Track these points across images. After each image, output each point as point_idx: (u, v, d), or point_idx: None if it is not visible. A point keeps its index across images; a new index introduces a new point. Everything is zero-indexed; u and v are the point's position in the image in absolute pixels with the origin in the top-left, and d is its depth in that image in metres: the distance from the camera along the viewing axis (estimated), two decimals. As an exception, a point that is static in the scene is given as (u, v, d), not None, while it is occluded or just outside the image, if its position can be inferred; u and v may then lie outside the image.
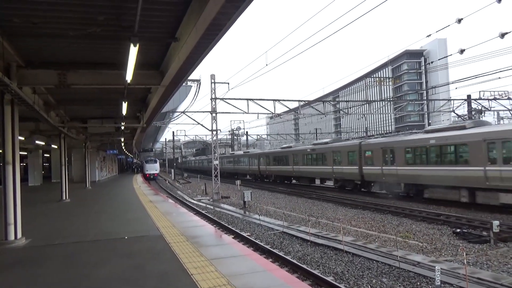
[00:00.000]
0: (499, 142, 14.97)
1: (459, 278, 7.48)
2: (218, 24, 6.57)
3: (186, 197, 27.98)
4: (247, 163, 43.51)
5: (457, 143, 17.15)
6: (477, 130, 16.30)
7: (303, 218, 15.77)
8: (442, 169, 17.51)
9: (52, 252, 7.56)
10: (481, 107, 32.79)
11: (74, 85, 9.74)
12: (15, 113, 8.73)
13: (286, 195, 25.86)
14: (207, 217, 16.72)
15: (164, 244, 7.74)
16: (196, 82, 41.91)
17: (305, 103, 33.38)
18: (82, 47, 8.70)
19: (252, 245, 11.02)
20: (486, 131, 15.85)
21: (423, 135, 19.72)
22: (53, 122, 15.15)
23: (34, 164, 33.23)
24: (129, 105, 13.96)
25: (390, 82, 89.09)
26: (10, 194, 8.39)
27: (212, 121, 26.20)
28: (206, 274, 5.60)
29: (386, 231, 12.86)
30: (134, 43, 6.14)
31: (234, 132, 66.88)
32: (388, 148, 21.11)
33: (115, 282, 5.48)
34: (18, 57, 8.71)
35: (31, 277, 5.90)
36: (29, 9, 6.43)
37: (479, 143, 15.67)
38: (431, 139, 18.57)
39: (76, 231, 9.95)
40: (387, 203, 18.41)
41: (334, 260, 9.39)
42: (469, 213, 15.11)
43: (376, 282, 7.72)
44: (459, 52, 19.64)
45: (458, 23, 15.60)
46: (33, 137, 21.47)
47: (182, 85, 15.48)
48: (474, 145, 15.98)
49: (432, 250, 10.21)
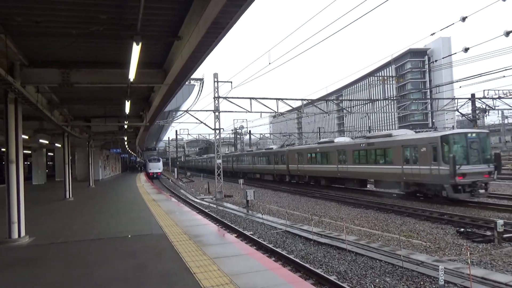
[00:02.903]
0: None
1: (463, 277, 7.43)
2: (220, 23, 6.56)
3: (189, 196, 28.02)
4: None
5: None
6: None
7: (306, 217, 15.74)
8: (331, 167, 26.09)
9: (55, 251, 7.58)
10: (486, 106, 32.65)
11: (77, 84, 9.76)
12: (18, 112, 8.76)
13: (289, 194, 25.82)
14: (210, 216, 16.73)
15: (167, 243, 7.75)
16: (199, 81, 41.96)
17: (308, 102, 33.31)
18: (85, 46, 8.72)
19: (255, 244, 11.01)
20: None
21: (314, 145, 31.10)
22: (57, 121, 15.21)
23: (38, 162, 33.40)
24: (132, 104, 14.00)
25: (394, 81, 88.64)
26: (14, 193, 8.42)
27: (215, 120, 26.21)
28: (209, 273, 5.59)
29: (390, 230, 12.82)
30: (136, 42, 6.14)
31: (237, 131, 66.86)
32: (299, 153, 30.50)
33: (118, 281, 5.48)
34: (21, 56, 8.74)
35: (34, 276, 5.92)
36: (32, 8, 6.45)
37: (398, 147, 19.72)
38: (317, 147, 28.57)
39: (80, 229, 9.97)
40: (390, 202, 18.34)
41: (337, 259, 9.37)
42: (473, 213, 15.04)
43: (379, 281, 7.69)
44: (463, 51, 19.55)
45: (463, 21, 15.53)
46: (37, 136, 21.56)
47: (185, 84, 15.50)
48: (395, 148, 20.00)
49: (436, 249, 10.16)
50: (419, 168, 18.07)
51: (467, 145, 16.99)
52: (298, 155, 30.90)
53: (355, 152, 23.55)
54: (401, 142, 19.70)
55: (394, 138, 20.61)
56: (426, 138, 18.47)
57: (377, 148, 21.67)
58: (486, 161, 17.00)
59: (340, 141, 27.50)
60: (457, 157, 16.29)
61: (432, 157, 17.35)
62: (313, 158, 28.91)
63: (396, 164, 19.58)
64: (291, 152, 32.24)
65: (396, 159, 19.61)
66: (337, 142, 27.40)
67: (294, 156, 31.49)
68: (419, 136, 19.91)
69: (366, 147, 22.58)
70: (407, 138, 19.85)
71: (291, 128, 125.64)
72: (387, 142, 21.01)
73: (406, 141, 19.56)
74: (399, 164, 19.29)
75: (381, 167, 21.18)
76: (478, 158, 16.92)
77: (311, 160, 29.11)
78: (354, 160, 23.53)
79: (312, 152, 29.07)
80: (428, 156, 17.59)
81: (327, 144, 27.86)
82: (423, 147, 18.07)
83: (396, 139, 20.35)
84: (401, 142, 19.73)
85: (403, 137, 20.16)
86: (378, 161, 21.57)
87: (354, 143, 24.90)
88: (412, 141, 19.17)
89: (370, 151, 22.22)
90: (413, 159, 18.75)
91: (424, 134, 21.35)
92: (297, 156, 31.09)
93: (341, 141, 27.80)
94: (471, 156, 16.86)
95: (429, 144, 17.65)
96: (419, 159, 18.26)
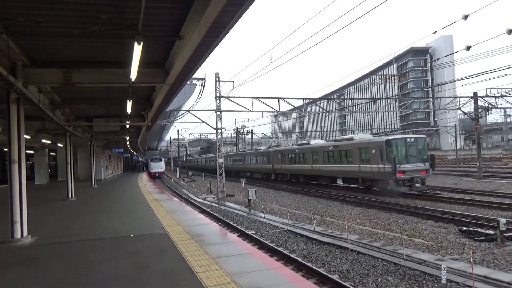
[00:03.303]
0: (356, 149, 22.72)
1: (465, 276, 7.42)
2: (221, 22, 6.55)
3: (191, 195, 28.05)
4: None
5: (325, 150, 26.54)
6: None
7: (308, 216, 15.74)
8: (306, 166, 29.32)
9: (58, 250, 7.61)
10: (488, 104, 32.53)
11: (79, 84, 9.76)
12: (20, 112, 8.77)
13: (291, 193, 25.81)
14: (212, 215, 16.75)
15: (169, 242, 7.75)
16: (201, 81, 41.89)
17: (310, 101, 33.29)
18: (86, 45, 8.72)
19: (257, 244, 11.01)
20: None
21: (294, 146, 33.82)
22: (59, 121, 15.23)
23: (40, 162, 33.49)
24: (134, 104, 14.00)
25: (396, 80, 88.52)
26: (16, 193, 8.44)
27: (216, 120, 26.23)
28: (211, 272, 5.60)
29: (392, 229, 12.80)
30: (138, 41, 6.14)
31: (239, 130, 66.88)
32: (282, 153, 33.91)
33: (120, 280, 5.49)
34: (23, 56, 8.75)
35: (36, 275, 5.93)
36: (33, 8, 6.45)
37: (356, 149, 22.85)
38: (296, 149, 31.54)
39: (82, 229, 10.00)
40: (392, 201, 18.34)
41: (339, 259, 9.36)
42: (476, 211, 15.00)
43: (381, 280, 7.68)
44: (465, 49, 19.47)
45: (465, 19, 15.45)
46: (39, 136, 21.63)
47: (187, 84, 15.50)
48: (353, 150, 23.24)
49: (438, 248, 10.14)
50: (371, 167, 21.35)
51: (407, 147, 20.14)
52: (281, 156, 34.06)
53: (325, 153, 26.71)
54: (358, 145, 22.93)
55: (354, 142, 23.87)
56: (375, 142, 21.77)
57: (341, 150, 24.86)
58: (423, 160, 20.05)
59: (315, 144, 30.21)
60: (398, 158, 19.45)
61: (379, 157, 20.45)
62: (293, 158, 32.06)
63: (355, 163, 22.90)
64: (275, 153, 35.51)
65: (355, 159, 22.91)
66: (312, 144, 30.15)
67: (278, 156, 34.66)
68: (370, 140, 22.99)
69: (333, 149, 25.90)
70: (363, 141, 23.05)
71: (293, 127, 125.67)
72: (348, 144, 24.22)
73: (361, 144, 22.77)
74: (357, 163, 22.64)
75: (345, 166, 24.38)
76: (416, 158, 19.97)
77: (291, 160, 32.26)
78: (325, 160, 26.69)
79: (292, 153, 32.27)
80: (377, 157, 20.70)
81: (304, 146, 30.97)
82: (373, 149, 21.20)
83: (354, 142, 23.64)
84: (358, 145, 22.97)
85: (360, 141, 23.39)
86: (343, 161, 24.63)
87: (325, 145, 28.29)
88: (366, 144, 22.35)
89: (337, 152, 25.39)
90: (366, 159, 21.86)
91: (375, 138, 24.71)
92: (280, 156, 34.30)
93: (315, 143, 30.45)
94: (410, 157, 19.96)
95: (378, 147, 20.77)
96: (371, 159, 21.39)
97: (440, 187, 23.50)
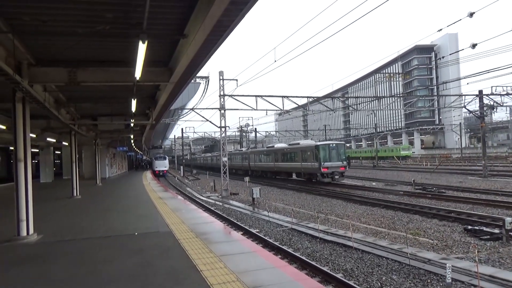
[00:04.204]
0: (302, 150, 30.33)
1: (470, 275, 7.38)
2: (226, 21, 6.56)
3: (195, 194, 28.12)
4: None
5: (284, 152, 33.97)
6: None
7: (312, 215, 15.73)
8: (271, 164, 36.82)
9: (63, 248, 7.65)
10: (493, 102, 32.32)
11: (84, 83, 9.81)
12: (26, 111, 8.83)
13: (295, 191, 25.80)
14: (216, 214, 16.78)
15: (174, 240, 7.78)
16: (205, 79, 41.99)
17: (314, 99, 33.25)
18: (91, 44, 8.76)
19: (261, 242, 11.02)
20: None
21: (263, 148, 42.78)
22: (64, 119, 15.31)
23: (45, 161, 33.69)
24: (138, 102, 14.04)
25: (400, 78, 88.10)
26: (22, 191, 8.50)
27: (220, 118, 26.23)
28: (215, 270, 5.61)
29: (396, 228, 12.77)
30: (142, 40, 6.15)
31: (242, 129, 66.87)
32: (255, 154, 41.67)
33: (125, 278, 5.52)
34: (29, 55, 8.80)
35: (42, 273, 5.98)
36: (38, 7, 6.49)
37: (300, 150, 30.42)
38: (264, 150, 39.97)
39: (87, 227, 10.05)
40: (397, 200, 18.29)
41: (343, 257, 9.35)
42: (481, 210, 14.93)
43: (386, 279, 7.67)
44: (471, 47, 19.36)
45: (470, 17, 15.35)
46: (44, 135, 21.75)
47: (191, 82, 15.52)
48: (299, 151, 30.66)
49: (443, 247, 10.10)
50: (307, 164, 29.28)
51: (330, 151, 27.59)
52: (255, 156, 41.77)
53: (282, 154, 34.57)
54: (301, 148, 30.73)
55: (299, 146, 31.81)
56: (310, 146, 29.43)
57: (292, 151, 32.64)
58: (341, 160, 27.85)
59: (277, 146, 38.08)
60: (322, 158, 27.14)
61: (312, 157, 28.31)
62: (262, 158, 39.89)
63: (299, 162, 30.69)
64: (252, 153, 43.11)
65: (299, 159, 30.70)
66: (275, 147, 37.70)
67: (253, 157, 42.16)
68: (308, 144, 30.91)
69: (287, 151, 33.60)
70: (303, 146, 30.89)
71: (297, 126, 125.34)
72: (296, 148, 32.03)
73: (303, 148, 30.58)
74: (300, 162, 30.50)
75: (294, 163, 32.08)
76: (336, 159, 27.62)
77: (261, 160, 40.05)
78: (282, 160, 34.55)
79: (262, 154, 40.45)
80: (311, 157, 28.60)
81: (269, 148, 39.22)
82: (309, 151, 29.04)
83: (299, 146, 31.59)
84: (301, 148, 30.83)
85: (302, 145, 31.37)
86: (292, 160, 32.34)
87: (283, 148, 35.57)
88: (305, 148, 30.07)
89: (289, 153, 33.18)
90: (305, 159, 29.63)
91: (311, 143, 32.01)
92: (254, 156, 41.88)
93: (277, 146, 37.86)
94: (332, 157, 27.47)
95: (311, 150, 28.61)
96: (307, 159, 29.25)
97: (445, 186, 23.42)
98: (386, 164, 56.41)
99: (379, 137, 76.33)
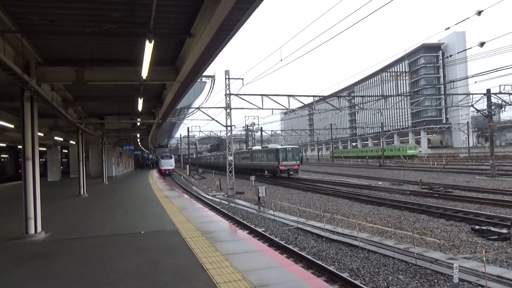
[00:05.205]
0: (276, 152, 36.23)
1: (478, 276, 7.33)
2: (232, 19, 6.54)
3: (201, 193, 28.20)
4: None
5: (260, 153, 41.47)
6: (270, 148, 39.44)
7: (318, 214, 15.71)
8: (248, 162, 45.33)
9: (70, 246, 7.72)
10: (502, 101, 32.00)
11: (91, 82, 9.86)
12: (34, 110, 8.90)
13: (300, 191, 25.77)
14: (222, 213, 16.81)
15: (180, 239, 7.81)
16: (211, 78, 42.10)
17: (320, 98, 33.15)
18: (98, 44, 8.81)
19: (267, 241, 11.03)
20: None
21: (245, 150, 52.34)
22: (71, 118, 15.41)
23: (53, 159, 33.96)
24: (145, 101, 14.11)
25: (407, 77, 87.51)
26: (30, 189, 8.57)
27: (226, 117, 26.26)
28: (222, 269, 5.63)
29: (403, 227, 12.70)
30: (149, 39, 6.17)
31: (248, 128, 66.91)
32: (239, 154, 49.44)
33: (131, 276, 5.55)
34: (36, 55, 8.87)
35: (50, 270, 6.03)
36: (46, 7, 6.53)
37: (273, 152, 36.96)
38: (246, 151, 48.98)
39: (94, 225, 10.13)
40: (403, 199, 18.20)
41: (349, 256, 9.33)
42: (489, 210, 14.79)
43: (392, 279, 7.64)
44: (479, 45, 19.17)
45: (478, 15, 15.21)
46: (52, 133, 21.91)
47: (197, 81, 15.54)
48: (271, 153, 37.73)
49: (450, 247, 10.04)
50: (271, 163, 37.02)
51: (286, 153, 35.57)
52: (239, 155, 49.15)
53: (257, 155, 43.02)
54: (268, 151, 38.98)
55: (267, 148, 40.36)
56: (273, 149, 37.21)
57: (262, 153, 40.89)
58: (296, 160, 35.60)
59: (253, 148, 47.68)
60: (281, 158, 35.06)
61: (274, 158, 36.02)
62: (243, 158, 48.14)
63: (266, 161, 38.91)
64: (236, 154, 48.32)
65: (266, 158, 38.75)
66: (253, 149, 46.78)
67: (237, 156, 48.53)
68: (272, 147, 38.86)
69: (260, 152, 41.87)
70: (269, 149, 39.13)
71: (302, 125, 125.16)
72: (265, 150, 40.56)
73: (269, 150, 38.67)
74: (266, 161, 38.69)
75: (264, 162, 39.92)
76: (292, 159, 35.36)
77: (243, 159, 48.00)
78: (256, 159, 42.84)
79: (243, 154, 48.96)
80: (273, 158, 36.40)
81: (249, 150, 48.62)
82: (272, 153, 36.86)
83: (267, 149, 40.07)
84: (268, 151, 39.03)
85: (269, 148, 39.76)
86: (262, 159, 40.37)
87: (257, 149, 44.21)
88: (270, 150, 38.18)
89: (261, 154, 41.34)
90: (270, 159, 37.48)
91: (274, 146, 39.99)
92: (238, 156, 48.62)
93: (254, 148, 47.59)
94: (288, 158, 35.28)
95: (273, 152, 36.50)
96: (271, 159, 36.96)
97: (452, 185, 23.25)
98: (393, 164, 56.12)
99: (385, 136, 75.97)
